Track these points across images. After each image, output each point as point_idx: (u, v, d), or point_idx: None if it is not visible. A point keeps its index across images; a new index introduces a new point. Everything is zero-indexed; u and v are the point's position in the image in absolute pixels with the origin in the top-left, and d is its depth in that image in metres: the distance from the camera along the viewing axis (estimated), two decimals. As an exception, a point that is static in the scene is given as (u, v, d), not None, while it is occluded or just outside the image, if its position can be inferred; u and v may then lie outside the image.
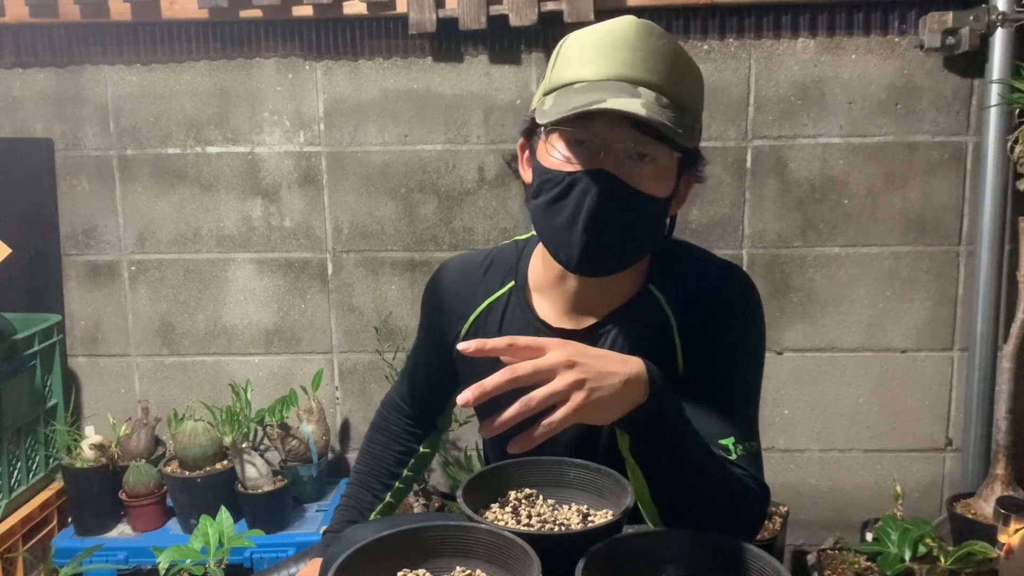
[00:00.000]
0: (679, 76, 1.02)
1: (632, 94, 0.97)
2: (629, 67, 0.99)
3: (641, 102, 0.96)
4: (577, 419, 0.88)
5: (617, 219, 1.02)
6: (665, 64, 1.00)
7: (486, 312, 1.21)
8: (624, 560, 0.92)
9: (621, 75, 0.98)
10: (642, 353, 0.98)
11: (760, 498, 1.08)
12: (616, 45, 0.99)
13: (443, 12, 2.08)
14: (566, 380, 0.87)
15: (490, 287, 1.22)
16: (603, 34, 1.01)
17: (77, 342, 2.34)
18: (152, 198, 2.27)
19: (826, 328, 2.21)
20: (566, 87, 1.01)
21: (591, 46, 1.01)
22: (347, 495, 1.40)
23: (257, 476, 2.03)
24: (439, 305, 1.27)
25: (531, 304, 1.19)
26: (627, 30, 1.00)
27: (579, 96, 0.98)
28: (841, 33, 2.10)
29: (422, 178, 2.22)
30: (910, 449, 2.25)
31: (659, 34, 1.01)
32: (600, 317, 1.15)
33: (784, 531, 2.14)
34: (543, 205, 1.05)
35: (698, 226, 2.18)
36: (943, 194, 2.15)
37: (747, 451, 1.07)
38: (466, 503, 1.03)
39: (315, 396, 2.21)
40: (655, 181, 1.05)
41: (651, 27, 1.02)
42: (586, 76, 1.00)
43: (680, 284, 1.14)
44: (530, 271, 1.21)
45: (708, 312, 1.11)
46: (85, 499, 2.10)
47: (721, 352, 1.11)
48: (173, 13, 2.13)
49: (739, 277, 1.15)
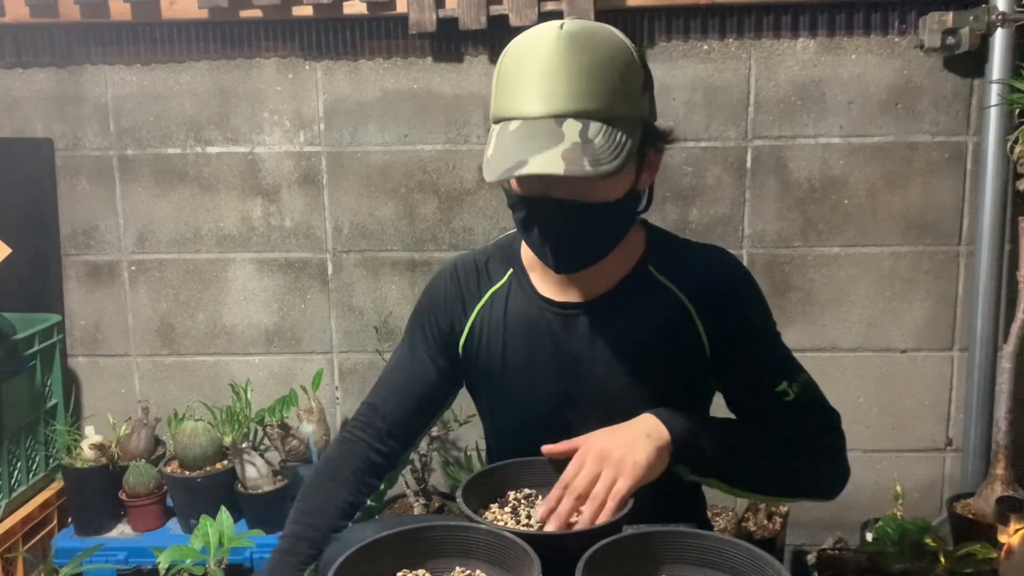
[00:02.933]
0: (607, 83, 1.03)
1: (556, 138, 1.00)
2: (555, 99, 1.01)
3: (563, 149, 0.99)
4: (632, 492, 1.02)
5: (578, 231, 1.10)
6: (591, 81, 1.02)
7: (490, 301, 1.25)
8: (624, 560, 0.92)
9: (549, 111, 1.01)
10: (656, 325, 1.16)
11: (830, 423, 1.21)
12: (543, 72, 1.02)
13: (443, 12, 2.08)
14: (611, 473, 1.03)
15: (492, 278, 1.26)
16: (531, 60, 1.03)
17: (77, 342, 2.34)
18: (152, 198, 2.27)
19: (826, 328, 2.21)
20: (504, 123, 1.05)
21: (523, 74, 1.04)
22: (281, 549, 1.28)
23: (257, 476, 2.03)
24: (440, 308, 1.28)
25: (532, 284, 1.23)
26: (552, 51, 1.02)
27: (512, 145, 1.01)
28: (841, 33, 2.10)
29: (422, 178, 2.22)
30: (910, 449, 2.25)
31: (581, 45, 1.02)
32: (602, 291, 1.20)
33: (784, 531, 2.14)
34: (517, 221, 1.15)
35: (698, 226, 2.18)
36: (943, 194, 2.15)
37: (801, 384, 1.18)
38: (465, 503, 1.03)
39: (315, 396, 2.21)
40: (608, 189, 1.09)
41: (574, 38, 1.03)
42: (520, 111, 1.03)
43: (682, 267, 1.21)
44: (523, 254, 1.25)
45: (725, 296, 1.19)
46: (85, 499, 2.10)
47: (747, 327, 1.20)
48: (173, 13, 2.13)
49: (731, 256, 1.25)
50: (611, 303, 1.20)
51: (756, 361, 1.19)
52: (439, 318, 1.28)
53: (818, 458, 1.19)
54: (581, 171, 0.98)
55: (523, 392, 1.23)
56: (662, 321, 1.18)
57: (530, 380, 1.22)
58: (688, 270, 1.20)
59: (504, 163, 1.00)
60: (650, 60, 2.12)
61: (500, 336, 1.23)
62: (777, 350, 1.22)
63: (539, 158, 0.99)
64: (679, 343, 1.18)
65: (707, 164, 2.16)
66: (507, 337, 1.22)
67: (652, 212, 2.22)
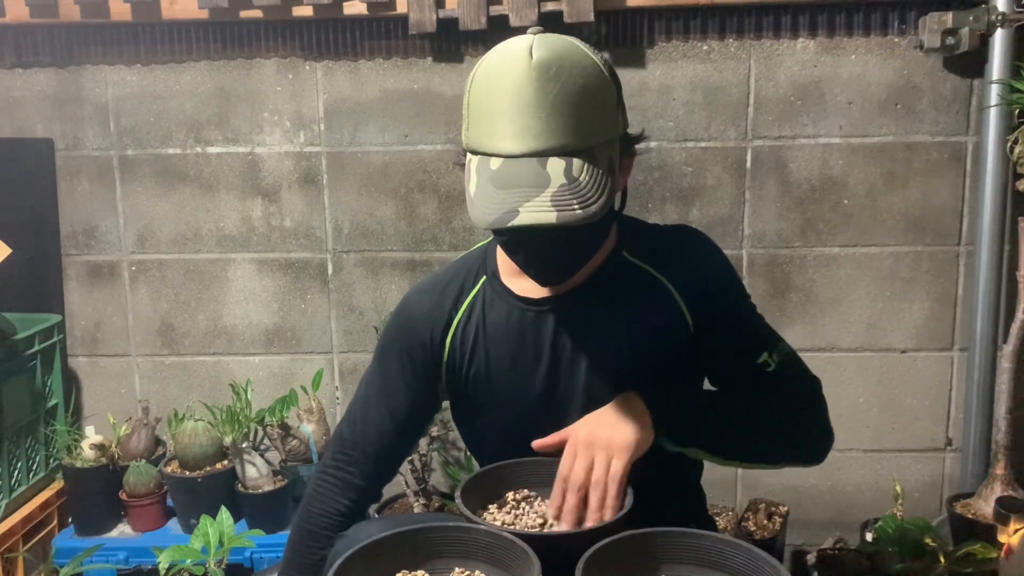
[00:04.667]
0: (584, 118, 1.02)
1: (542, 182, 0.99)
2: (535, 138, 1.00)
3: (551, 193, 0.98)
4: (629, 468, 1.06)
5: (563, 250, 1.11)
6: (567, 117, 1.00)
7: (467, 313, 1.24)
8: (624, 560, 0.92)
9: (529, 149, 1.00)
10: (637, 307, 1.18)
11: (812, 390, 1.23)
12: (518, 108, 1.00)
13: (443, 12, 2.08)
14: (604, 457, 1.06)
15: (464, 291, 1.25)
16: (503, 93, 1.01)
17: (77, 342, 2.34)
18: (152, 198, 2.28)
19: (826, 328, 2.21)
20: (484, 158, 1.04)
21: (497, 109, 1.02)
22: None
23: (257, 476, 2.03)
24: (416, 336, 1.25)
25: (507, 287, 1.23)
26: (524, 85, 1.00)
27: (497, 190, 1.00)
28: (841, 33, 2.10)
29: (422, 178, 2.22)
30: (910, 449, 2.25)
31: (553, 76, 1.00)
32: (578, 282, 1.20)
33: (784, 531, 2.14)
34: (502, 244, 1.17)
35: (698, 226, 2.15)
36: (943, 194, 2.15)
37: (781, 354, 1.20)
38: (464, 504, 1.03)
39: (315, 396, 2.21)
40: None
41: (545, 69, 1.00)
42: (499, 148, 1.02)
43: (656, 248, 1.23)
44: (498, 259, 1.25)
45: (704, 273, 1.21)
46: (85, 499, 2.10)
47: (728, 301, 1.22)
48: (173, 13, 2.13)
49: (702, 234, 1.28)
50: (589, 292, 1.20)
51: (737, 334, 1.21)
52: (414, 346, 1.25)
53: (801, 424, 1.22)
54: (572, 218, 0.97)
55: (510, 393, 1.22)
56: (643, 301, 1.19)
57: (517, 381, 1.22)
58: (664, 251, 1.22)
59: (492, 209, 0.99)
60: (650, 60, 2.13)
61: (482, 344, 1.22)
62: (756, 320, 1.24)
63: (530, 207, 0.98)
64: (662, 321, 1.19)
65: (707, 164, 2.17)
66: (488, 344, 1.22)
67: (652, 212, 2.24)
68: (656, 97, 2.13)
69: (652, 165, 2.16)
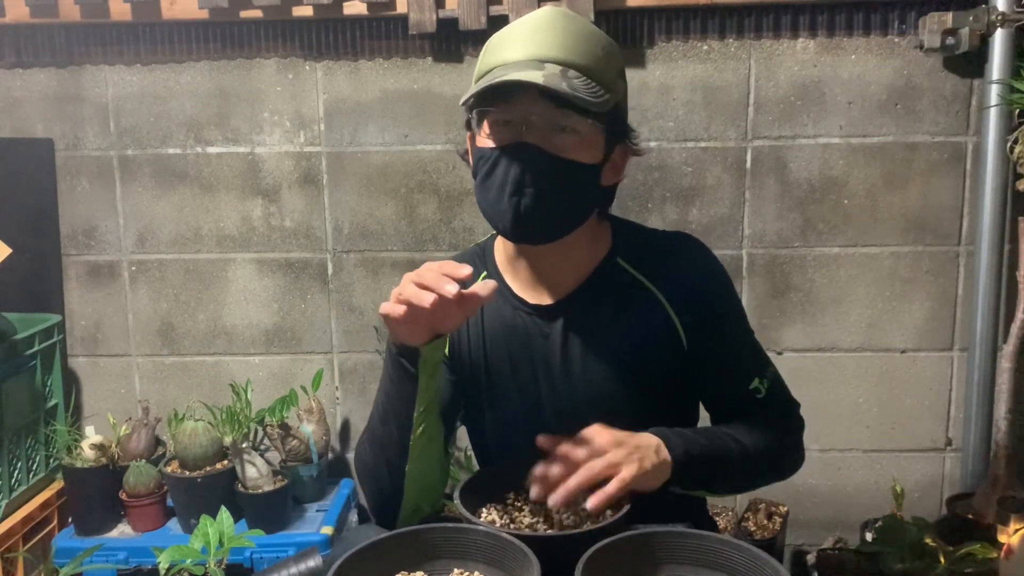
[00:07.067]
0: (589, 49, 1.08)
1: (536, 68, 1.04)
2: (538, 47, 1.06)
3: (543, 74, 1.03)
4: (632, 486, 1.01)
5: (541, 184, 1.08)
6: (573, 40, 1.07)
7: None
8: (624, 560, 0.92)
9: (530, 55, 1.06)
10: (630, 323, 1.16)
11: (795, 416, 1.26)
12: (529, 30, 1.08)
13: (443, 12, 2.08)
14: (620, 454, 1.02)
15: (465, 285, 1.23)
16: (520, 23, 1.10)
17: (77, 342, 2.34)
18: (152, 198, 2.28)
19: (826, 328, 2.21)
20: (486, 74, 1.09)
21: (508, 35, 1.10)
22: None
23: (257, 476, 2.03)
24: None
25: (508, 285, 1.23)
26: (541, 17, 1.09)
27: (490, 79, 1.06)
28: (841, 33, 2.10)
29: (422, 178, 2.22)
30: (910, 449, 2.25)
31: (572, 18, 1.10)
32: (571, 289, 1.20)
33: (784, 531, 2.14)
34: (479, 183, 1.13)
35: (698, 226, 2.18)
36: (943, 194, 2.14)
37: (770, 379, 1.22)
38: (463, 505, 1.03)
39: (315, 396, 2.21)
40: (578, 149, 1.10)
41: (565, 13, 1.10)
42: (503, 60, 1.08)
43: (652, 259, 1.21)
44: (496, 256, 1.26)
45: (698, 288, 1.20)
46: (85, 499, 2.10)
47: (721, 318, 1.21)
48: (173, 13, 2.13)
49: (700, 244, 1.24)
50: (583, 302, 1.19)
51: (731, 356, 1.21)
52: None
53: (787, 451, 1.25)
54: (559, 88, 1.02)
55: (506, 395, 1.22)
56: (636, 318, 1.18)
57: (513, 383, 1.22)
58: (659, 262, 1.21)
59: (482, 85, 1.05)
60: (650, 60, 2.13)
61: (480, 340, 1.22)
62: (749, 342, 1.24)
63: (519, 75, 1.02)
64: (655, 338, 1.18)
65: (707, 164, 2.16)
66: (487, 340, 1.22)
67: (652, 212, 2.24)
68: (656, 97, 2.13)
69: (652, 165, 2.16)
